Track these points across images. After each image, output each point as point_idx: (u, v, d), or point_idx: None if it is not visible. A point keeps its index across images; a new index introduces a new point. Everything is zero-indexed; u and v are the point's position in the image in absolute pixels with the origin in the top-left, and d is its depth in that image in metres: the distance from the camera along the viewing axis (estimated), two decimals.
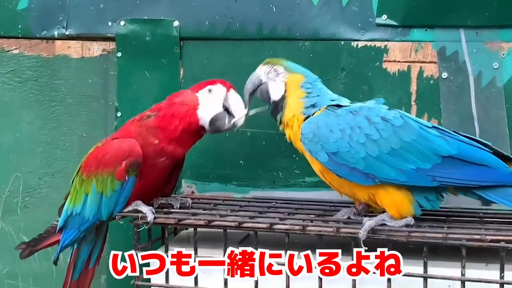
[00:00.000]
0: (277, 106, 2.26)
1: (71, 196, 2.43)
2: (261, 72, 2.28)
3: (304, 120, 2.19)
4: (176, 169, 2.48)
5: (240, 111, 2.31)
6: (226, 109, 2.32)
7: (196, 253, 2.20)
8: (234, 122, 2.32)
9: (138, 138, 2.30)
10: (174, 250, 2.27)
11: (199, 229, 2.22)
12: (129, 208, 2.30)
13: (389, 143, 2.06)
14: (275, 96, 2.26)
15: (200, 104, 2.31)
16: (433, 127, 2.13)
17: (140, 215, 2.25)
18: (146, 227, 2.26)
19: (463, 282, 1.97)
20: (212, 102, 2.31)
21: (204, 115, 2.31)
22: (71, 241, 2.44)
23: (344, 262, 2.06)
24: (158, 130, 2.31)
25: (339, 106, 2.18)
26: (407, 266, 2.03)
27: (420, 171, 2.05)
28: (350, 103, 2.22)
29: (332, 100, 2.23)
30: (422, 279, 2.00)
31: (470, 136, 2.17)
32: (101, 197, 2.32)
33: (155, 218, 2.24)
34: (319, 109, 2.19)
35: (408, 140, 2.07)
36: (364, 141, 2.07)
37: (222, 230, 2.18)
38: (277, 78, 2.26)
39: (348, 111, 2.14)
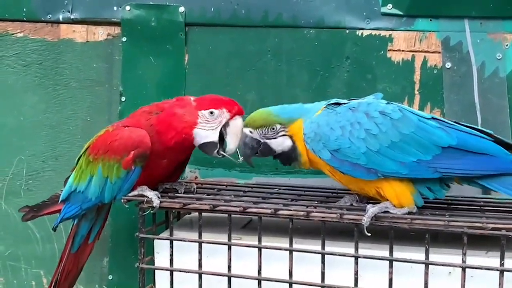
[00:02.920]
0: (288, 155, 2.22)
1: (76, 174, 2.43)
2: (257, 135, 2.22)
3: None
4: (182, 163, 2.49)
5: (233, 146, 2.28)
6: (222, 136, 2.29)
7: (200, 237, 2.23)
8: (222, 154, 2.30)
9: (146, 131, 2.30)
10: (178, 234, 2.30)
11: (202, 214, 2.24)
12: (135, 192, 2.32)
13: (388, 136, 2.09)
14: (281, 148, 2.23)
15: (198, 124, 2.27)
16: (432, 118, 2.15)
17: (145, 199, 2.27)
18: (152, 212, 2.28)
19: (463, 269, 2.00)
20: (211, 125, 2.28)
21: (198, 137, 2.29)
22: (72, 216, 2.47)
23: (347, 249, 2.10)
24: (157, 132, 2.30)
25: (338, 104, 2.20)
26: (409, 253, 2.07)
27: (421, 163, 2.08)
28: (349, 100, 2.23)
29: (328, 101, 2.23)
30: (423, 265, 2.04)
31: (471, 125, 2.19)
32: (105, 182, 2.34)
33: (160, 202, 2.26)
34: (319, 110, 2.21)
35: (407, 133, 2.09)
36: (364, 137, 2.09)
37: (225, 215, 2.21)
38: (278, 135, 2.21)
39: (347, 108, 2.16)
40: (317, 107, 2.23)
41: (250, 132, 2.23)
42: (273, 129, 2.21)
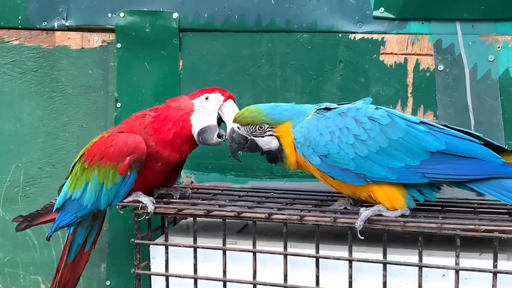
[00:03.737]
0: (274, 155, 2.24)
1: (71, 181, 2.44)
2: (244, 132, 2.23)
3: None
4: (177, 168, 2.50)
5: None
6: (220, 119, 2.32)
7: (195, 242, 2.24)
8: (223, 135, 2.32)
9: (141, 135, 2.32)
10: (174, 239, 2.32)
11: (198, 219, 2.26)
12: (130, 198, 2.33)
13: (377, 142, 2.09)
14: (268, 147, 2.24)
15: (195, 110, 2.32)
16: (421, 122, 2.15)
17: (140, 205, 2.28)
18: (146, 217, 2.30)
19: (457, 271, 2.01)
20: (207, 110, 2.32)
21: (196, 123, 2.32)
22: (67, 224, 2.47)
23: (341, 252, 2.11)
24: (153, 131, 2.33)
25: (328, 109, 2.21)
26: (402, 256, 2.08)
27: (410, 168, 2.08)
28: (339, 104, 2.24)
29: (319, 105, 2.25)
30: (417, 268, 2.05)
31: (461, 128, 2.19)
32: (101, 188, 2.35)
33: (155, 208, 2.27)
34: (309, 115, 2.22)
35: (395, 138, 2.09)
36: (352, 142, 2.10)
37: (221, 219, 2.22)
38: (265, 134, 2.23)
39: (336, 113, 2.17)
40: (307, 111, 2.23)
41: (238, 128, 2.24)
42: (261, 128, 2.22)
